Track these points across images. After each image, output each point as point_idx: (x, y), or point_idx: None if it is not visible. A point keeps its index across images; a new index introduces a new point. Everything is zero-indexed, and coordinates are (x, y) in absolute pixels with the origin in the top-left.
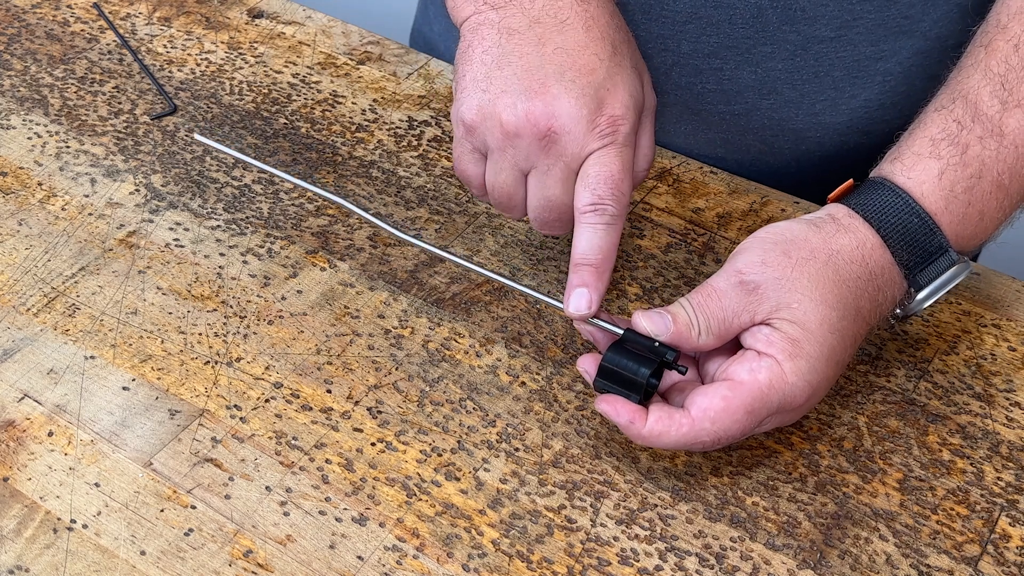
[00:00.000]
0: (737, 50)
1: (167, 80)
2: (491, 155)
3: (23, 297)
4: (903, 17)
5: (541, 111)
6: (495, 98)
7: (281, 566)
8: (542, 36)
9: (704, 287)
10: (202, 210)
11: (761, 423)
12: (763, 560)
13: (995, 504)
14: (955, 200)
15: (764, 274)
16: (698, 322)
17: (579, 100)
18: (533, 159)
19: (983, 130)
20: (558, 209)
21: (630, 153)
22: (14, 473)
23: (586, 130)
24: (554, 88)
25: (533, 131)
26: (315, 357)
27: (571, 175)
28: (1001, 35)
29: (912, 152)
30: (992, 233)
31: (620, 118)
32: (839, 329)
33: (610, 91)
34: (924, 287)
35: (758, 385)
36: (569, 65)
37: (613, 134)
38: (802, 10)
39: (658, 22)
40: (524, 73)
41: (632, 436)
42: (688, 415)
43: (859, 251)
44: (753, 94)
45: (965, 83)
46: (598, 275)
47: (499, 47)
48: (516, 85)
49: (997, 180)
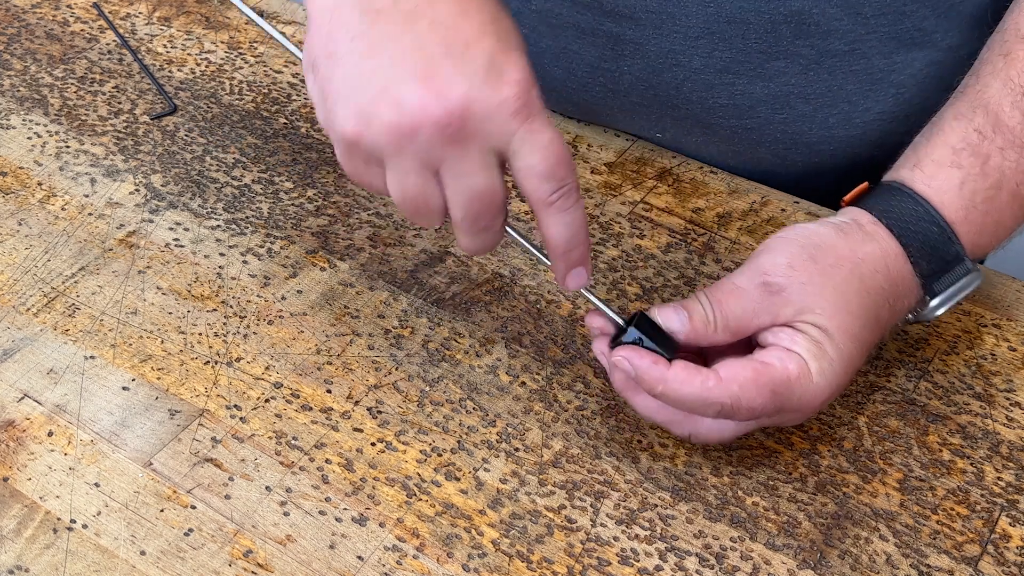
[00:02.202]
0: (750, 65)
1: (167, 80)
2: (388, 162)
3: (23, 297)
4: (916, 30)
5: (435, 99)
6: (375, 98)
7: (281, 566)
8: (411, 12)
9: (724, 283)
10: (202, 210)
11: (778, 413)
12: (763, 560)
13: (995, 504)
14: (974, 211)
15: (790, 277)
16: (715, 319)
17: (476, 75)
18: (440, 153)
19: (1004, 141)
20: (489, 197)
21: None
22: (14, 473)
23: (495, 106)
24: (443, 69)
25: (432, 123)
26: (315, 357)
27: (491, 157)
28: (1021, 44)
29: (932, 160)
30: (1004, 240)
31: (525, 81)
32: (859, 338)
33: (506, 55)
34: (938, 295)
35: (787, 373)
36: (452, 39)
37: (527, 104)
38: (816, 24)
39: (669, 37)
40: (402, 58)
41: (651, 379)
42: (716, 374)
43: (883, 261)
44: (766, 108)
45: (985, 92)
46: (585, 252)
47: (367, 34)
48: (396, 75)
49: (1015, 191)
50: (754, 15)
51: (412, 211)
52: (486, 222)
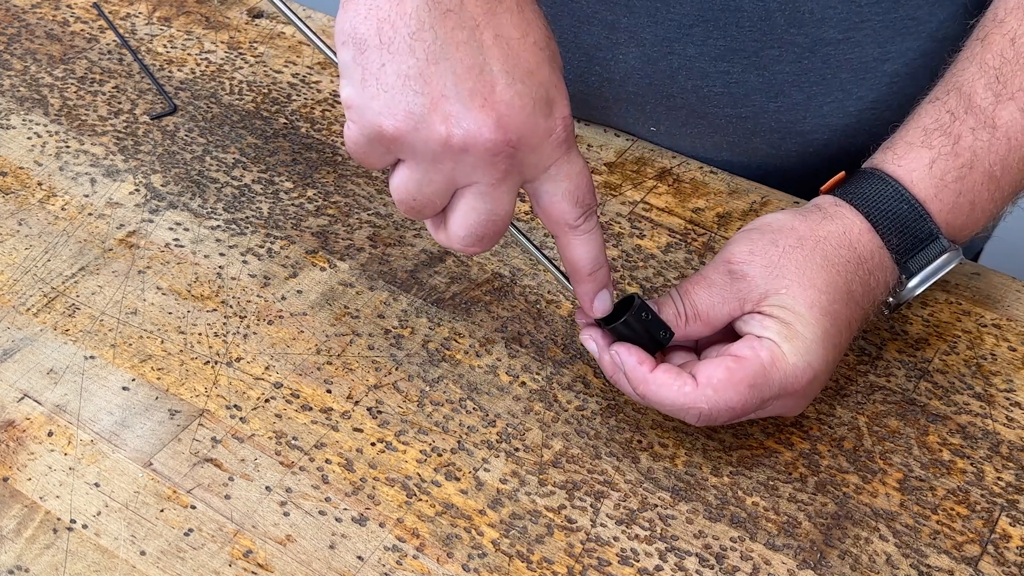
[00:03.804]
0: (744, 53)
1: (167, 80)
2: (417, 162)
3: (23, 297)
4: (910, 18)
5: (494, 125)
6: (434, 104)
7: (281, 566)
8: (477, 18)
9: (693, 276)
10: (202, 210)
11: (764, 403)
12: (763, 560)
13: (995, 504)
14: (946, 189)
15: (752, 263)
16: (684, 309)
17: (535, 109)
18: (478, 175)
19: (976, 121)
20: (500, 223)
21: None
22: (14, 473)
23: (543, 140)
24: (505, 95)
25: (484, 148)
26: (315, 357)
27: (517, 185)
28: (997, 29)
29: (904, 142)
30: (984, 224)
31: (570, 115)
32: (831, 312)
33: (557, 88)
34: (915, 274)
35: (760, 361)
36: (514, 62)
37: (569, 137)
38: (810, 12)
39: (664, 25)
40: (465, 72)
41: (634, 382)
42: (692, 379)
43: (846, 236)
44: (760, 97)
45: (960, 75)
46: (608, 274)
47: (432, 31)
48: (458, 89)
49: (989, 171)
50: (748, 3)
51: (410, 209)
52: (484, 243)
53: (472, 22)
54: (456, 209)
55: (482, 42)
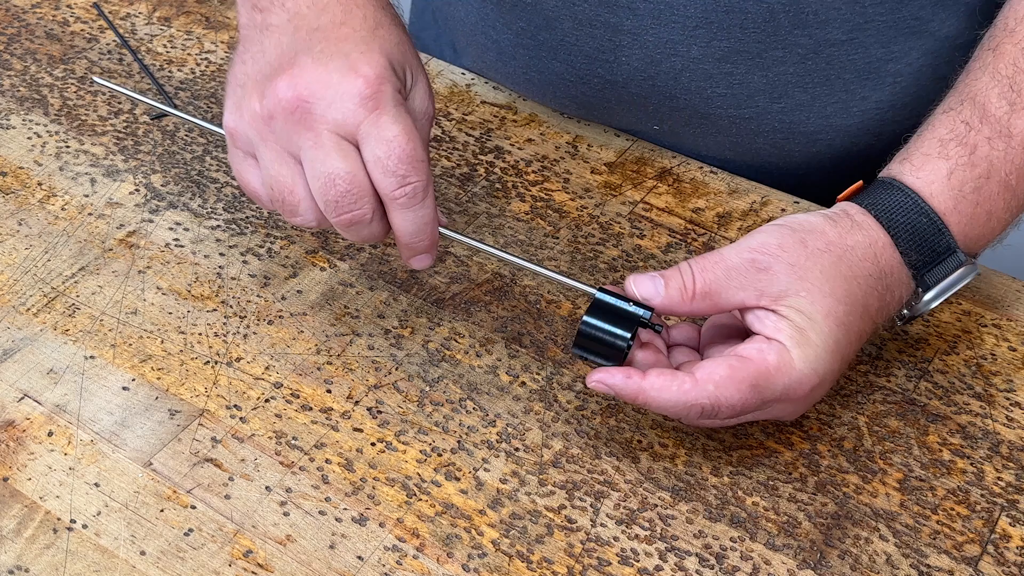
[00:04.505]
0: (748, 54)
1: (167, 80)
2: (257, 152)
3: (23, 297)
4: (914, 19)
5: (287, 84)
6: (247, 92)
7: (281, 566)
8: (299, 25)
9: (712, 254)
10: (202, 210)
11: (764, 405)
12: (763, 560)
13: (995, 504)
14: (963, 200)
15: (779, 257)
16: (693, 286)
17: (326, 64)
18: (295, 138)
19: (991, 131)
20: (346, 183)
21: (404, 113)
22: (14, 473)
23: (342, 95)
24: (300, 61)
25: (284, 107)
26: (315, 357)
27: (343, 143)
28: (1009, 39)
29: (921, 153)
30: (999, 234)
31: (378, 77)
32: (845, 324)
33: (363, 53)
34: (932, 287)
35: (766, 364)
36: (319, 39)
37: (375, 96)
38: (814, 13)
39: (668, 27)
40: (275, 59)
41: (629, 393)
42: (692, 376)
43: (871, 249)
44: (764, 98)
45: (973, 85)
46: (429, 244)
47: (259, 44)
48: (268, 73)
49: (1005, 180)
50: (752, 4)
51: (283, 202)
52: (346, 208)
53: (293, 27)
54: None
55: (296, 37)
